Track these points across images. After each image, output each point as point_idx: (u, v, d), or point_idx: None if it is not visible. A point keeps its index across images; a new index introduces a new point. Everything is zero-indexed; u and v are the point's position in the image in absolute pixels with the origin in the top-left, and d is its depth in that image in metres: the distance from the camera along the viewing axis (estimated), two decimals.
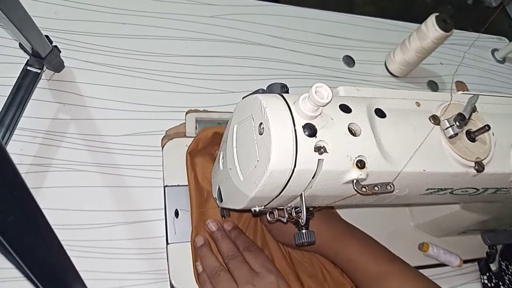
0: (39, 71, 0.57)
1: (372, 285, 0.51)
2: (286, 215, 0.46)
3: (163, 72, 0.66)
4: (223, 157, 0.48)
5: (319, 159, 0.37)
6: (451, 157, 0.42)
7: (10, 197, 0.23)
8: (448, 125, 0.42)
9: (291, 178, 0.37)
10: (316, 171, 0.37)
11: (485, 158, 0.43)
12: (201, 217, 0.55)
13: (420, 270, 0.64)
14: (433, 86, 0.84)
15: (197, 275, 0.52)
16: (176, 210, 0.56)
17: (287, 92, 0.44)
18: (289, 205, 0.45)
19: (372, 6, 2.17)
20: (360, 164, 0.38)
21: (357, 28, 0.85)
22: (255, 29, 0.76)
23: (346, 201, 0.43)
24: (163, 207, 0.56)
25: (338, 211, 0.60)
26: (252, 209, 0.44)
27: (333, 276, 0.57)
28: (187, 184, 0.57)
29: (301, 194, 0.40)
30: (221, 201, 0.50)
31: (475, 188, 0.46)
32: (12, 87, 0.55)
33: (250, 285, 0.47)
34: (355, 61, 0.80)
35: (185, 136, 0.61)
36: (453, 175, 0.42)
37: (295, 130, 0.36)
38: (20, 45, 0.54)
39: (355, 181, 0.38)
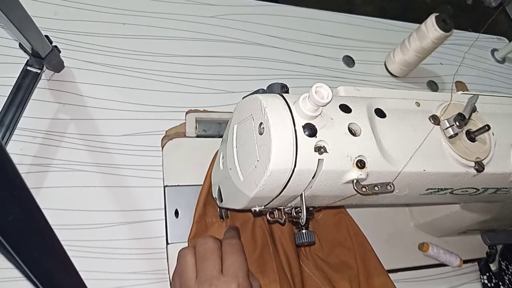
0: (39, 71, 0.57)
1: None
2: (285, 216, 0.46)
3: (163, 72, 0.66)
4: (223, 157, 0.48)
5: (319, 159, 0.37)
6: (451, 157, 0.42)
7: (10, 197, 0.24)
8: (448, 125, 0.42)
9: (291, 178, 0.37)
10: (316, 171, 0.37)
11: (485, 158, 0.43)
12: (201, 229, 0.55)
13: (420, 270, 0.64)
14: (433, 86, 0.84)
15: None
16: (176, 210, 0.56)
17: (287, 92, 0.45)
18: (289, 205, 0.45)
19: (371, 6, 2.17)
20: (360, 164, 0.38)
21: (357, 28, 0.85)
22: (255, 29, 0.76)
23: (346, 201, 0.43)
24: (163, 207, 0.56)
25: None
26: (252, 209, 0.44)
27: None
28: (191, 184, 0.57)
29: (301, 194, 0.40)
30: (221, 201, 0.50)
31: (475, 188, 0.46)
32: (12, 87, 0.55)
33: (207, 285, 0.42)
34: (355, 61, 0.80)
35: (185, 136, 0.61)
36: (453, 175, 0.42)
37: (295, 130, 0.36)
38: (20, 45, 0.54)
39: (355, 181, 0.38)
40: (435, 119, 0.43)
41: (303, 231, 0.47)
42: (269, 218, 0.47)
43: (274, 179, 0.37)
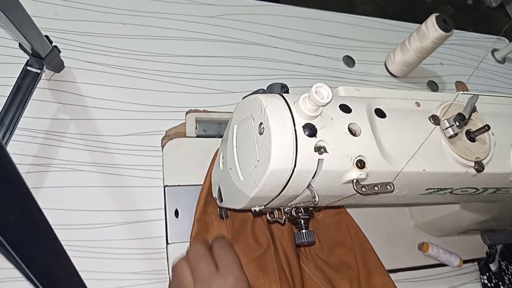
0: (39, 71, 0.57)
1: None
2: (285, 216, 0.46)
3: (163, 72, 0.66)
4: (223, 157, 0.48)
5: (319, 159, 0.37)
6: (451, 157, 0.42)
7: (10, 197, 0.24)
8: (448, 125, 0.42)
9: (291, 178, 0.37)
10: (316, 171, 0.37)
11: (484, 158, 0.43)
12: (202, 227, 0.54)
13: (420, 270, 0.64)
14: (433, 86, 0.84)
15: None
16: (176, 210, 0.56)
17: (287, 92, 0.45)
18: (289, 205, 0.45)
19: (372, 6, 2.17)
20: (360, 164, 0.38)
21: (357, 28, 0.85)
22: (255, 29, 0.76)
23: (346, 201, 0.43)
24: (163, 207, 0.56)
25: None
26: (252, 209, 0.44)
27: None
28: (191, 184, 0.57)
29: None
30: (221, 201, 0.50)
31: (475, 188, 0.46)
32: (12, 87, 0.55)
33: (206, 285, 0.43)
34: (355, 61, 0.80)
35: (185, 136, 0.61)
36: (453, 175, 0.42)
37: (295, 130, 0.36)
38: (20, 45, 0.54)
39: (355, 181, 0.38)
40: (435, 119, 0.43)
41: (303, 231, 0.47)
42: (269, 218, 0.47)
43: (274, 179, 0.37)
